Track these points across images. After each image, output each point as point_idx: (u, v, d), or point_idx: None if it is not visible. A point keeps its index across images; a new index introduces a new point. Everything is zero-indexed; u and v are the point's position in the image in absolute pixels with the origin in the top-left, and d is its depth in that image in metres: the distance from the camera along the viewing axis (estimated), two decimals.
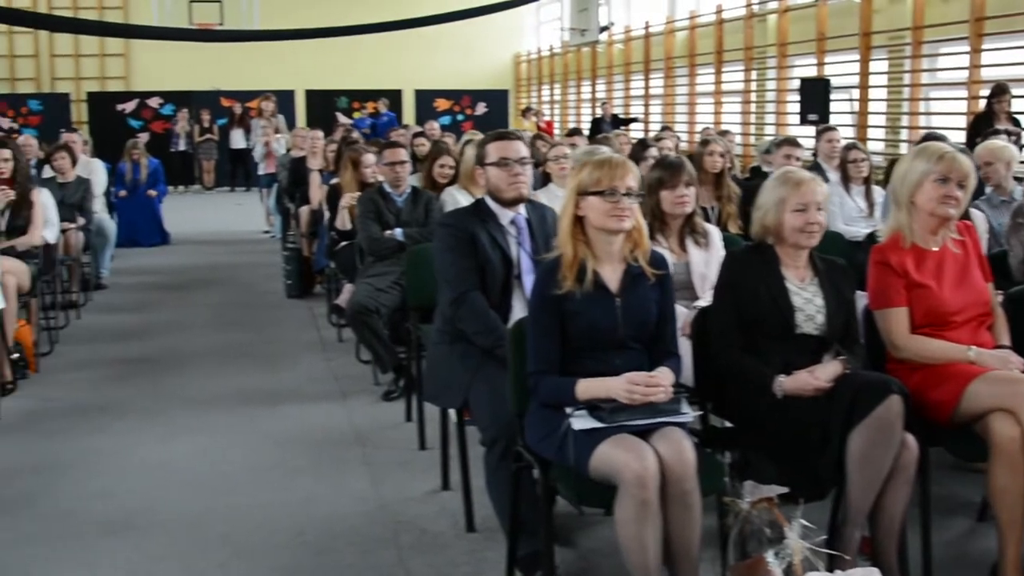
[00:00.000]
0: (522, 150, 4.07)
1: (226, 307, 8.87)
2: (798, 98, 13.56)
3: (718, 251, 4.44)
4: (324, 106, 22.01)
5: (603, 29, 20.14)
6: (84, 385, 6.38)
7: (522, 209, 4.08)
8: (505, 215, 4.04)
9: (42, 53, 24.34)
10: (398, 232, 6.07)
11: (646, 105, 19.84)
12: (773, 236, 3.56)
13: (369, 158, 7.22)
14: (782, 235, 3.53)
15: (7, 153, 6.91)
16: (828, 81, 13.23)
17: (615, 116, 18.10)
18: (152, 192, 12.25)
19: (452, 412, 4.22)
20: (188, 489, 4.61)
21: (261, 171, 14.05)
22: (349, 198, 6.93)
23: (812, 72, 14.12)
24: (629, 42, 20.48)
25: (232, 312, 8.65)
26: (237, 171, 20.14)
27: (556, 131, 21.19)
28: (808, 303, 3.52)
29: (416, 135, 10.83)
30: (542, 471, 3.28)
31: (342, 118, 19.44)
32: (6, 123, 21.13)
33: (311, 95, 22.59)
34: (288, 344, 7.38)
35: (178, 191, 19.79)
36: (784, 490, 3.23)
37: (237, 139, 19.83)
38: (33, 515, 4.35)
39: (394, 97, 21.59)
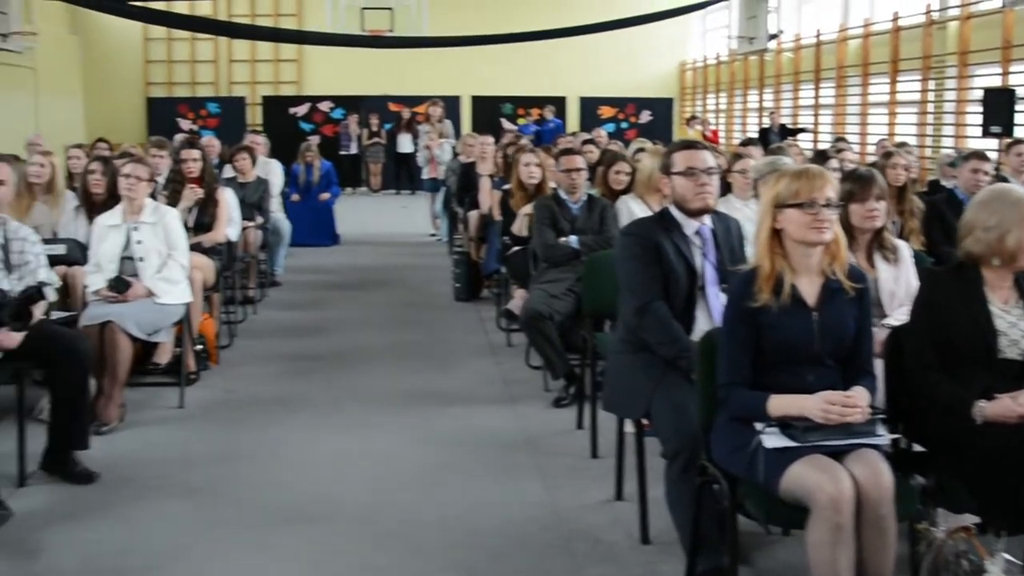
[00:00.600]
0: (709, 160, 4.01)
1: (395, 307, 9.03)
2: (980, 109, 13.03)
3: (908, 267, 4.28)
4: (489, 112, 22.25)
5: (772, 37, 19.80)
6: (261, 378, 6.60)
7: (707, 220, 4.02)
8: (690, 225, 3.98)
9: (221, 59, 25.31)
10: (573, 239, 6.07)
11: (816, 115, 19.38)
12: (1002, 258, 3.36)
13: (530, 157, 7.29)
14: (1017, 258, 3.36)
15: (196, 153, 7.21)
16: (1013, 92, 12.67)
17: (783, 126, 17.72)
18: (324, 195, 12.55)
19: (628, 422, 4.18)
20: (364, 484, 4.70)
21: (424, 176, 14.28)
22: (529, 206, 6.96)
23: (996, 82, 13.55)
24: (799, 50, 20.04)
25: (401, 313, 8.80)
26: (402, 174, 20.53)
27: (721, 140, 20.91)
28: (1012, 327, 3.35)
29: (585, 142, 10.82)
30: (729, 487, 3.21)
31: (507, 124, 19.64)
32: (187, 124, 22.02)
33: (476, 101, 22.88)
34: (457, 346, 7.46)
35: (345, 193, 20.25)
36: (980, 520, 3.09)
37: (403, 143, 20.21)
38: (216, 502, 4.51)
39: (558, 104, 21.65)
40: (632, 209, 6.02)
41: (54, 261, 5.09)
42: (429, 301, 9.26)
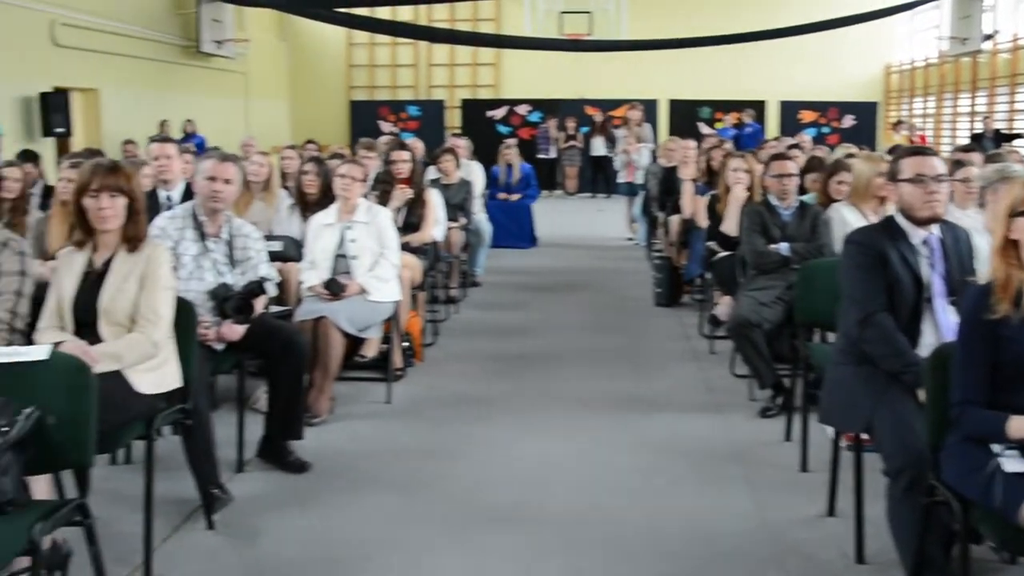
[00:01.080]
0: (939, 167, 3.83)
1: (594, 311, 9.03)
2: None
3: None
4: (686, 116, 22.02)
5: (987, 38, 18.94)
6: (464, 377, 6.70)
7: (935, 229, 3.85)
8: (917, 234, 3.82)
9: (421, 63, 25.94)
10: (783, 247, 5.93)
11: None
12: None
13: (738, 163, 7.16)
14: None
15: (406, 155, 7.39)
16: None
17: (998, 131, 16.90)
18: (513, 196, 12.62)
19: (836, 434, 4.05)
20: (571, 488, 4.70)
21: (621, 179, 14.22)
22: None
23: None
24: (1017, 51, 19.06)
25: (601, 316, 8.79)
26: (598, 178, 20.54)
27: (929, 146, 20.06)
28: None
29: (790, 147, 10.57)
30: (963, 510, 3.05)
31: (704, 128, 19.39)
32: (388, 127, 22.62)
33: (674, 104, 22.70)
34: (658, 352, 7.39)
35: (541, 196, 20.39)
36: None
37: (598, 147, 20.22)
38: (424, 497, 4.58)
39: (757, 108, 21.25)
40: (845, 217, 5.83)
41: (271, 257, 5.29)
42: (628, 305, 9.21)
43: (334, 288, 5.78)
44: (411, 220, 7.28)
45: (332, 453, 5.15)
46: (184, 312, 4.12)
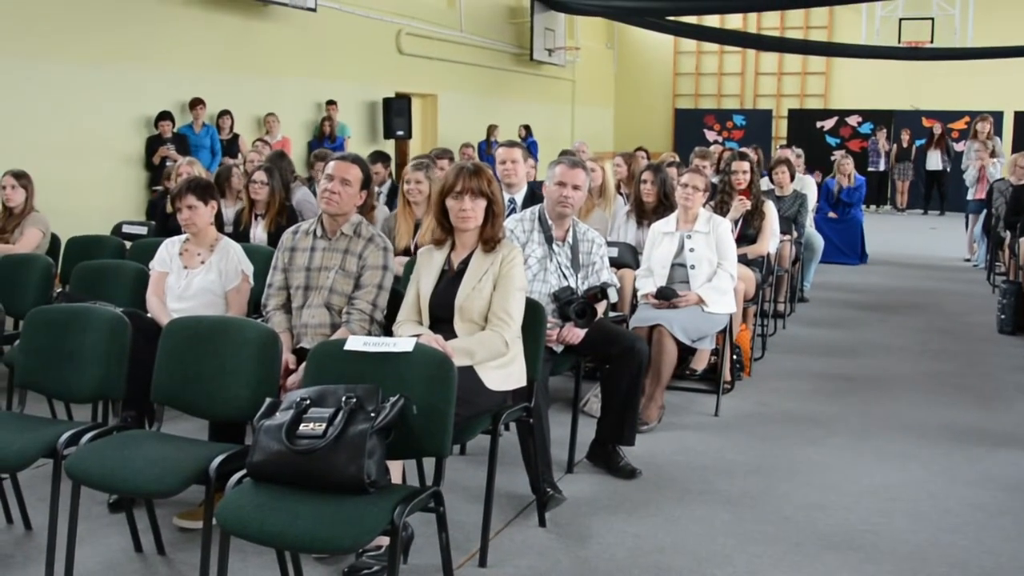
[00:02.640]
0: None
1: (929, 334, 8.58)
2: None
3: None
4: None
5: None
6: (792, 394, 6.55)
7: None
8: None
9: (748, 71, 25.57)
10: None
11: None
12: None
13: None
14: None
15: (746, 165, 7.30)
16: None
17: None
18: (848, 207, 12.23)
19: None
20: (908, 519, 4.48)
21: (970, 196, 13.39)
22: None
23: None
24: None
25: (936, 340, 8.34)
26: (932, 193, 19.54)
27: None
28: None
29: None
30: None
31: None
32: (712, 136, 22.49)
33: (1019, 116, 21.23)
34: (1002, 383, 6.92)
35: (870, 210, 19.67)
36: None
37: (934, 160, 19.24)
38: (754, 515, 4.51)
39: None
40: None
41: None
42: (966, 331, 8.70)
43: (667, 295, 5.80)
44: (747, 232, 7.20)
45: (661, 462, 5.17)
46: (533, 313, 4.25)
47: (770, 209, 7.29)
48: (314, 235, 4.58)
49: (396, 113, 16.45)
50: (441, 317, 4.13)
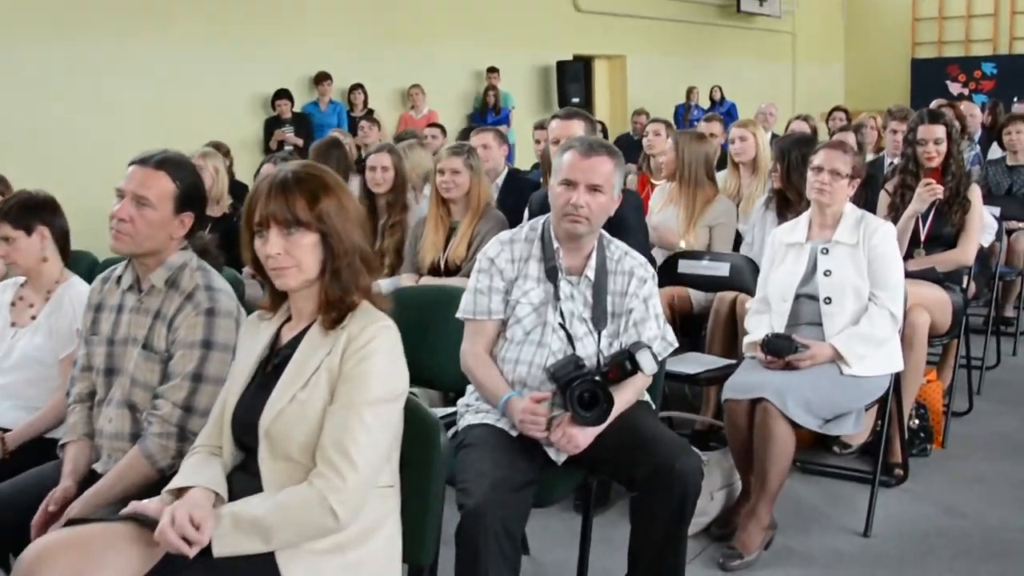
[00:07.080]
0: None
1: None
2: None
3: None
4: None
5: None
6: (1014, 489, 4.25)
7: None
8: None
9: (1002, 12, 22.09)
10: None
11: None
12: None
13: None
14: None
15: (939, 131, 4.92)
16: None
17: None
18: None
19: None
20: None
21: None
22: None
23: None
24: None
25: None
26: None
27: None
28: None
29: None
30: None
31: None
32: (956, 88, 19.57)
33: None
34: None
35: None
36: None
37: None
38: None
39: None
40: None
41: None
42: None
43: (780, 349, 3.64)
44: (941, 231, 4.79)
45: None
46: (426, 437, 2.31)
47: (975, 196, 4.82)
48: (127, 286, 2.77)
49: (570, 79, 14.51)
50: (247, 444, 2.26)
